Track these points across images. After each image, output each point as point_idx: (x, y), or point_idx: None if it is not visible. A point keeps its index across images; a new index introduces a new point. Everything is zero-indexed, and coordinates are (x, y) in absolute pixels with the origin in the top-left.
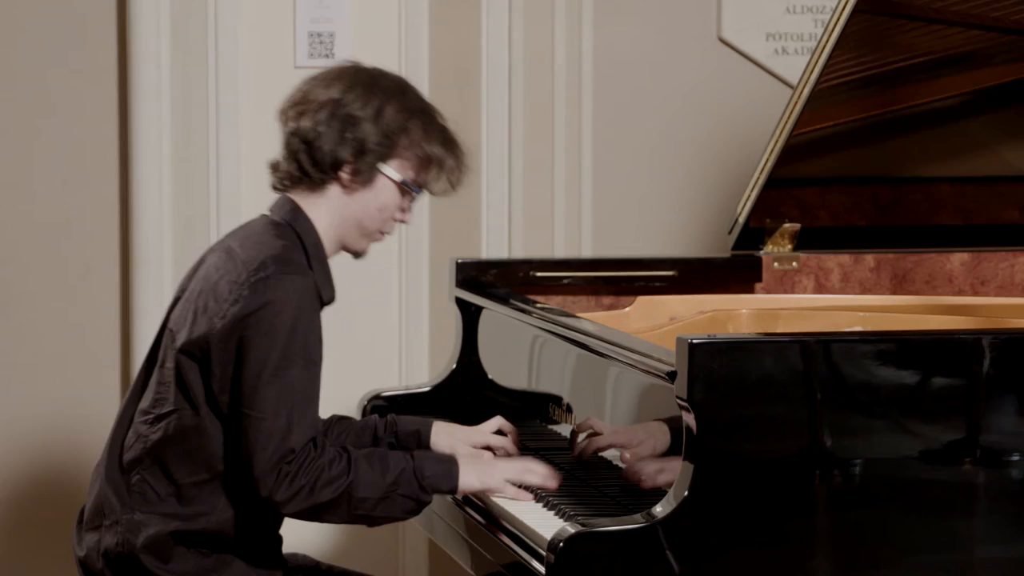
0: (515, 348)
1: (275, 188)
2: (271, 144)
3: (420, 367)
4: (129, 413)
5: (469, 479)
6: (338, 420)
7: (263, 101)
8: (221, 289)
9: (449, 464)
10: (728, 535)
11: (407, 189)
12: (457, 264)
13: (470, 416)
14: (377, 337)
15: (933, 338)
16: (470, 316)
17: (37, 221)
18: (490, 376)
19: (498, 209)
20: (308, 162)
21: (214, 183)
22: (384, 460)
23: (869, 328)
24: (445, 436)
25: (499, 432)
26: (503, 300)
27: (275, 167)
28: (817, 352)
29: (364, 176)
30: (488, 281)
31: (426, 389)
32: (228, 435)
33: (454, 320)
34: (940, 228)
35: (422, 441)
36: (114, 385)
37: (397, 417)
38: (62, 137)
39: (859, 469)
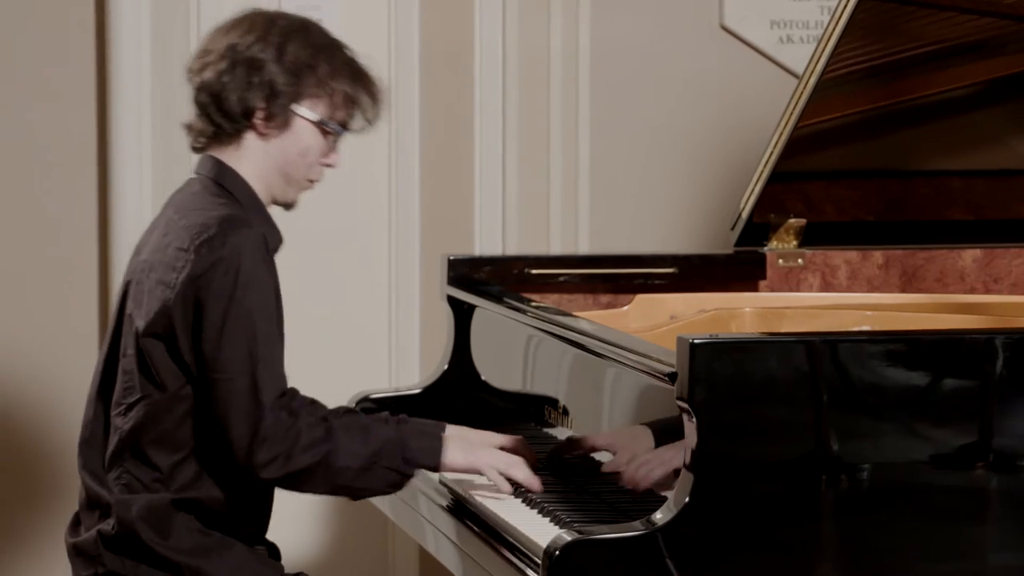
0: (509, 348)
1: (193, 148)
2: None
3: (410, 368)
4: (99, 409)
5: (454, 456)
6: (344, 412)
7: None
8: (168, 258)
9: (435, 439)
10: (731, 543)
11: (326, 128)
12: (449, 261)
13: (462, 419)
14: (366, 337)
15: (944, 338)
16: (462, 315)
17: (11, 217)
18: (483, 377)
19: (492, 204)
20: (218, 114)
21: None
22: (366, 429)
23: (877, 327)
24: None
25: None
26: (497, 298)
27: (188, 127)
28: (823, 353)
29: (278, 120)
30: (481, 278)
31: (417, 391)
32: (200, 407)
33: (446, 319)
34: (951, 223)
35: None
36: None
37: (408, 417)
38: (38, 132)
39: (867, 474)
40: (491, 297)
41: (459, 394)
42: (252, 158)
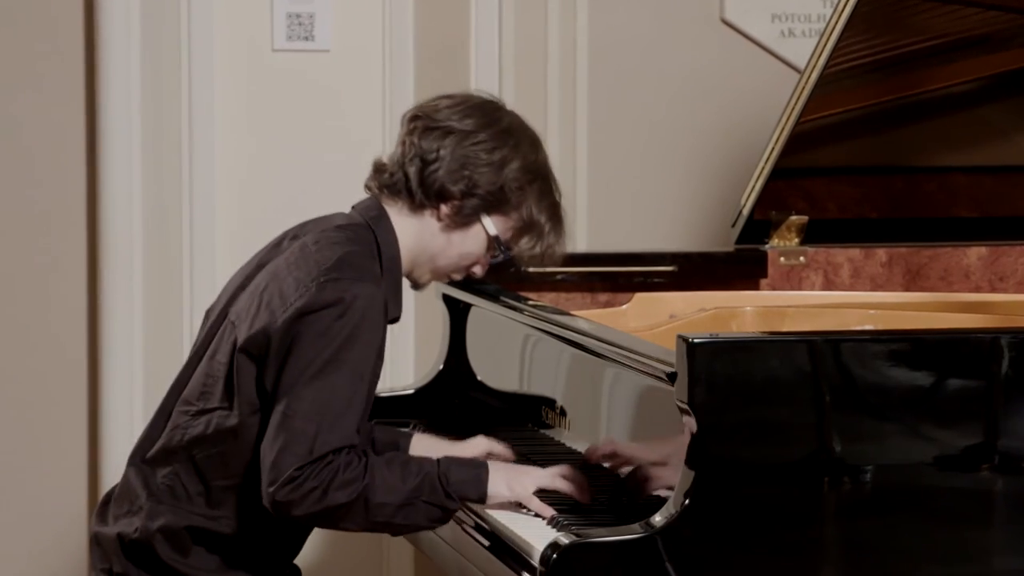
0: (506, 348)
1: (367, 187)
2: (247, 131)
3: (405, 368)
4: (171, 402)
5: (499, 487)
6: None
7: (239, 86)
8: (288, 285)
9: (478, 469)
10: (731, 546)
11: (497, 247)
12: None
13: (458, 420)
14: None
15: (949, 337)
16: (458, 314)
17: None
18: (479, 378)
19: None
20: (417, 180)
21: (187, 174)
22: (406, 464)
23: (881, 327)
24: (422, 452)
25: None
26: (493, 297)
27: (379, 168)
28: (826, 352)
29: (463, 219)
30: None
31: (411, 391)
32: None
33: (441, 318)
34: (956, 220)
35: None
36: (80, 383)
37: (374, 424)
38: (26, 125)
39: (870, 476)
40: (487, 296)
41: (455, 395)
42: (417, 231)
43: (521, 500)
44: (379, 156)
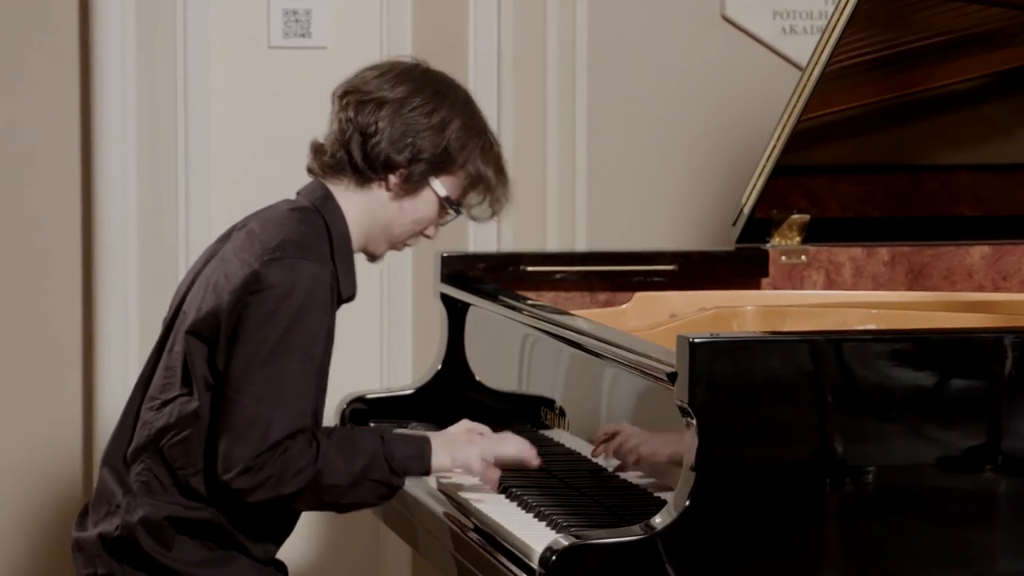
0: (504, 348)
1: (311, 171)
2: (243, 129)
3: (403, 368)
4: (136, 402)
5: (441, 459)
6: (335, 429)
7: (235, 83)
8: (233, 266)
9: (420, 444)
10: (732, 548)
11: (449, 207)
12: (442, 258)
13: (455, 420)
14: (357, 336)
15: (952, 337)
16: (456, 313)
17: None
18: (478, 378)
19: None
20: (360, 155)
21: (182, 172)
22: (353, 444)
23: (883, 326)
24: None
25: None
26: (491, 296)
27: (318, 149)
28: (827, 352)
29: (412, 185)
30: (475, 276)
31: (409, 391)
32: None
33: (439, 318)
34: (959, 219)
35: None
36: (76, 380)
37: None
38: (20, 122)
39: (872, 477)
40: (486, 295)
41: (453, 395)
42: (367, 205)
43: (465, 468)
44: (315, 138)
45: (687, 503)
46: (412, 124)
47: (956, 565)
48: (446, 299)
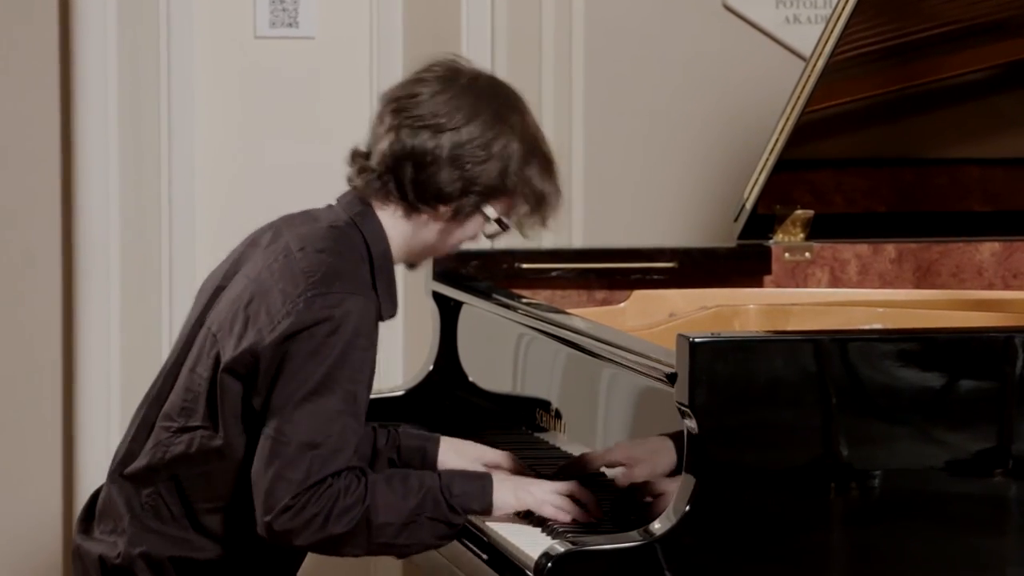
0: (498, 348)
1: (350, 181)
2: (228, 121)
3: (393, 368)
4: (152, 414)
5: (505, 497)
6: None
7: (220, 74)
8: (274, 299)
9: (482, 481)
10: (733, 554)
11: (499, 226)
12: None
13: (448, 423)
14: None
15: (961, 337)
16: (448, 312)
17: None
18: (471, 379)
19: None
20: (411, 185)
21: (166, 165)
22: (406, 480)
23: (890, 326)
24: (453, 455)
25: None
26: (485, 295)
27: (363, 166)
28: (832, 352)
29: (464, 215)
30: (468, 273)
31: (400, 393)
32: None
33: (430, 317)
34: (968, 215)
35: (427, 460)
36: (55, 382)
37: (400, 430)
38: None
39: (878, 481)
40: (479, 293)
41: (445, 396)
42: (412, 231)
43: (531, 508)
44: (357, 145)
45: (687, 508)
46: (470, 155)
47: (965, 571)
48: (438, 297)
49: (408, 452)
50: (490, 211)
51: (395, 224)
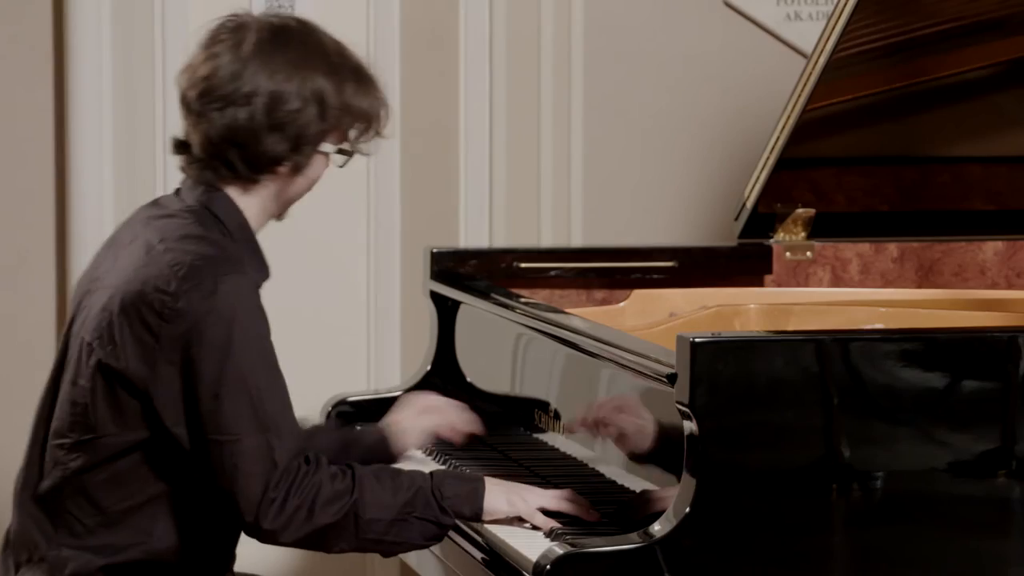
0: (497, 348)
1: (183, 170)
2: None
3: (391, 368)
4: (40, 434)
5: (497, 502)
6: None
7: None
8: (150, 301)
9: (474, 484)
10: (734, 557)
11: (342, 154)
12: (432, 254)
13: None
14: (343, 335)
15: (964, 337)
16: (446, 312)
17: None
18: (469, 379)
19: (478, 193)
20: (241, 162)
21: (161, 158)
22: (396, 477)
23: (892, 325)
24: (402, 418)
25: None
26: (483, 294)
27: (189, 159)
28: (834, 352)
29: (301, 164)
30: (467, 273)
31: (397, 393)
32: (159, 454)
33: (428, 316)
34: (971, 214)
35: (393, 445)
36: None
37: (316, 427)
38: None
39: (880, 483)
40: (477, 293)
41: (443, 396)
42: (258, 197)
43: (522, 515)
44: (175, 135)
45: (687, 510)
46: (285, 114)
47: (968, 573)
48: (436, 297)
49: (381, 445)
50: (327, 147)
51: (242, 197)
